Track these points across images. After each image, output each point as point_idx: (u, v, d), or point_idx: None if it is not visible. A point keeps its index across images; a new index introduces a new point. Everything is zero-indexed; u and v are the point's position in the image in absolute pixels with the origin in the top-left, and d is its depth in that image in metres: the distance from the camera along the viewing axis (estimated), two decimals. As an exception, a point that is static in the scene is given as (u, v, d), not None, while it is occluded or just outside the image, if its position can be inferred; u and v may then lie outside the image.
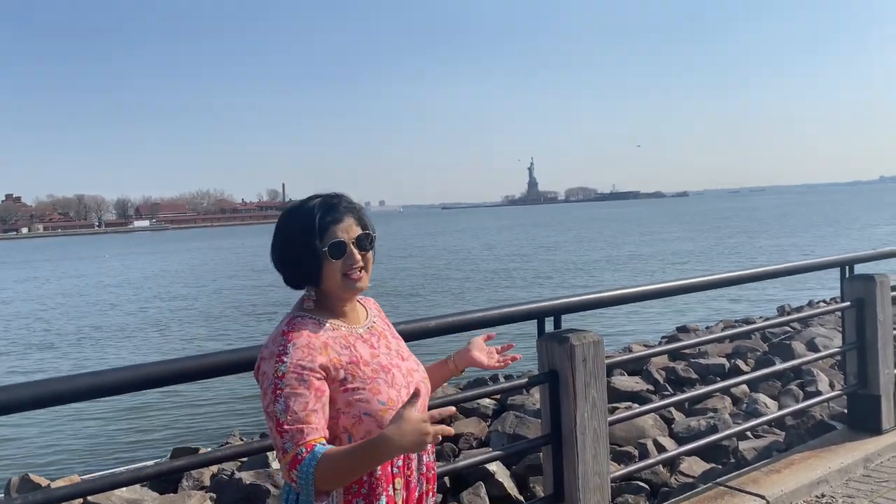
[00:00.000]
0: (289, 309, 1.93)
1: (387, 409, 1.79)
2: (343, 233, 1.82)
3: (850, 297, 4.93)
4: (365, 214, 1.90)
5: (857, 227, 52.84)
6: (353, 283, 1.84)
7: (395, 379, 1.85)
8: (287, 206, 2.01)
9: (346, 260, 1.81)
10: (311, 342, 1.80)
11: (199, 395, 12.17)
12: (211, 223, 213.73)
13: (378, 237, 1.93)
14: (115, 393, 2.40)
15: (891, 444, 4.74)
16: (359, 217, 1.87)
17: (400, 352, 1.97)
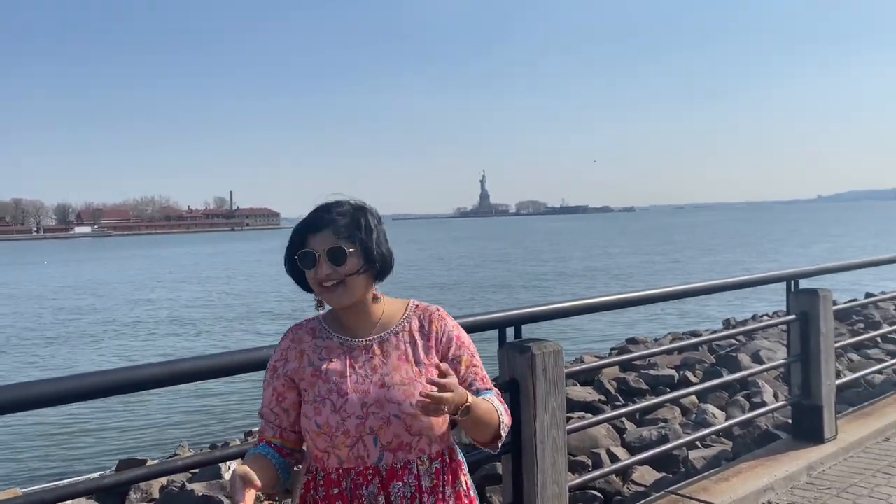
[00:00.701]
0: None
1: (320, 433, 1.76)
2: (317, 244, 1.78)
3: (796, 310, 5.11)
4: (359, 224, 1.80)
5: (798, 244, 54.67)
6: (330, 294, 1.79)
7: (346, 405, 1.75)
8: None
9: (316, 272, 1.78)
10: (291, 347, 1.88)
11: (146, 406, 11.86)
12: (156, 230, 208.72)
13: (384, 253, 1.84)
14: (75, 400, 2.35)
15: (832, 452, 4.92)
16: (339, 229, 1.78)
17: (386, 377, 1.80)
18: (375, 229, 1.83)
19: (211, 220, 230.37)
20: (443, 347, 1.88)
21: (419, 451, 1.80)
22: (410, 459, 1.79)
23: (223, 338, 20.57)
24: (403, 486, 1.78)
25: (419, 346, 1.86)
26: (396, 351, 1.84)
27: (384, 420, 1.75)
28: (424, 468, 1.80)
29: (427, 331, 1.88)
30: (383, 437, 1.76)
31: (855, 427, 5.37)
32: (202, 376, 2.62)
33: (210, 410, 11.85)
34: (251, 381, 12.83)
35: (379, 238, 1.83)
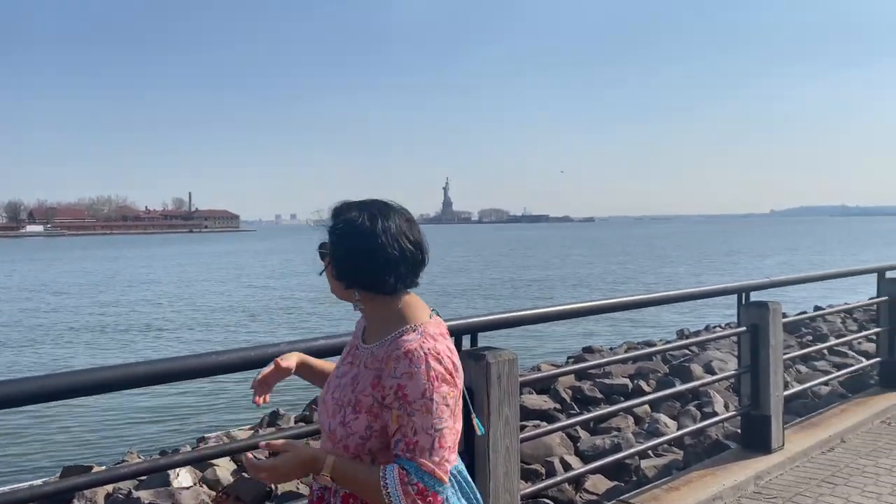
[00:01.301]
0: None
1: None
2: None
3: (746, 322, 5.22)
4: (334, 229, 1.82)
5: (750, 257, 55.90)
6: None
7: (321, 405, 1.89)
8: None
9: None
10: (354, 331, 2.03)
11: (94, 411, 11.56)
12: (111, 230, 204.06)
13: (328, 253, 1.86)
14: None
15: (779, 462, 5.02)
16: (328, 230, 1.85)
17: (338, 390, 1.84)
18: (347, 239, 1.79)
19: (169, 222, 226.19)
20: (385, 388, 1.73)
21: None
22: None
23: (175, 343, 20.19)
24: (322, 489, 1.86)
25: (366, 376, 1.79)
26: (353, 370, 1.84)
27: (321, 422, 1.89)
28: (335, 488, 1.81)
29: (381, 366, 1.76)
30: (322, 435, 1.89)
31: (801, 437, 5.50)
32: (155, 380, 2.57)
33: (162, 416, 11.61)
34: (204, 387, 12.65)
35: (348, 244, 1.79)
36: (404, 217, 1.84)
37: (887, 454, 5.30)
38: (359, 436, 1.75)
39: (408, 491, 1.64)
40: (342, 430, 1.77)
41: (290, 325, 22.92)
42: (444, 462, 1.69)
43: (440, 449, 1.68)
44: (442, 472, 1.68)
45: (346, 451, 1.77)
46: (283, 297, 31.23)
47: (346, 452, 1.77)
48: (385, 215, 1.80)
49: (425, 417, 1.67)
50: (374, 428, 1.74)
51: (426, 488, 1.66)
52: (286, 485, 6.06)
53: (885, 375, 7.09)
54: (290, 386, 13.19)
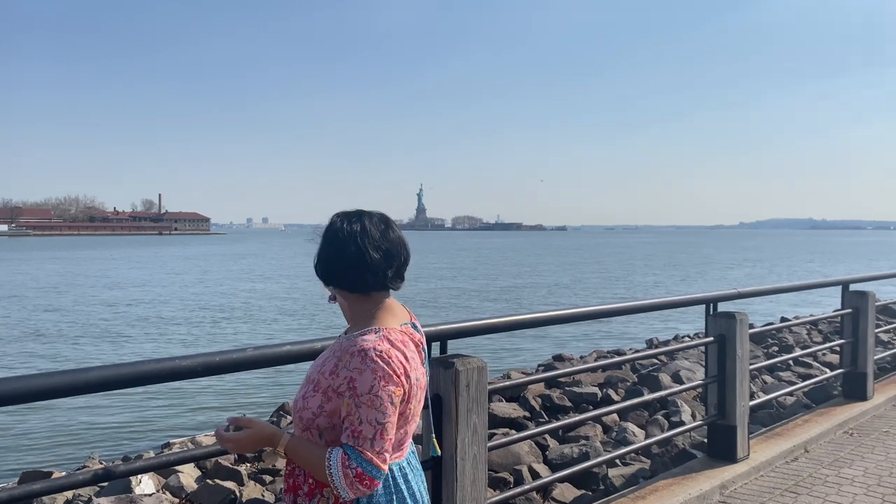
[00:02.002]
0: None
1: None
2: None
3: (714, 332, 5.27)
4: (323, 234, 2.02)
5: (719, 268, 56.67)
6: None
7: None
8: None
9: None
10: None
11: (55, 416, 11.31)
12: (79, 231, 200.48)
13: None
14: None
15: (744, 471, 5.07)
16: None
17: (312, 372, 2.02)
18: (328, 243, 1.99)
19: (138, 223, 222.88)
20: (339, 379, 1.90)
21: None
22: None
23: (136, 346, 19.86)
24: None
25: (331, 364, 1.96)
26: (327, 354, 2.02)
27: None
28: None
29: (340, 357, 1.93)
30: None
31: (766, 447, 5.57)
32: (115, 385, 2.50)
33: (124, 421, 11.40)
34: (169, 393, 12.46)
35: (324, 247, 2.00)
36: (381, 224, 2.01)
37: (849, 464, 5.38)
38: (311, 411, 1.94)
39: (347, 473, 1.85)
40: (302, 402, 1.97)
41: (254, 332, 22.67)
42: (384, 452, 1.88)
43: (381, 440, 1.87)
44: (380, 461, 1.87)
45: (300, 421, 1.97)
46: (248, 302, 30.90)
47: (300, 422, 1.97)
48: (361, 222, 1.98)
49: (370, 411, 1.86)
50: (325, 408, 1.92)
51: (364, 472, 1.85)
52: (250, 492, 5.97)
53: (849, 386, 7.21)
54: (258, 392, 13.07)
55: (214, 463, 6.46)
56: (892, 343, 11.04)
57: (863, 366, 7.14)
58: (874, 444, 5.92)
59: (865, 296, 7.17)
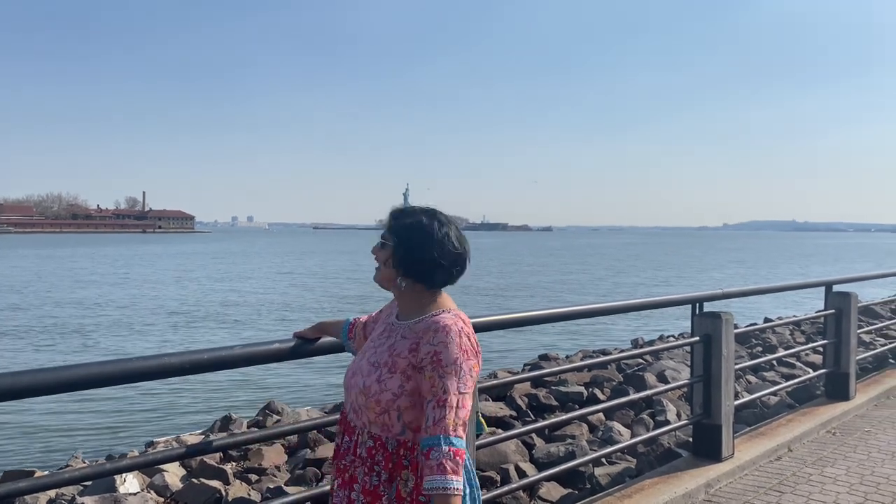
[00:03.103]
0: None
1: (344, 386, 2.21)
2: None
3: (699, 332, 5.30)
4: (404, 226, 2.15)
5: (703, 269, 57.06)
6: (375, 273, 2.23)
7: (354, 360, 2.24)
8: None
9: (373, 251, 2.22)
10: (385, 307, 2.38)
11: (38, 414, 11.20)
12: (61, 229, 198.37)
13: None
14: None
15: (728, 470, 5.11)
16: (391, 226, 2.18)
17: (372, 357, 2.14)
18: (417, 236, 2.12)
19: (121, 221, 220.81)
20: (421, 353, 2.04)
21: (362, 423, 2.11)
22: (357, 425, 2.13)
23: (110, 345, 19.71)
24: (349, 442, 2.15)
25: (404, 343, 2.09)
26: (390, 340, 2.14)
27: (353, 383, 2.14)
28: (362, 439, 2.10)
29: (418, 336, 2.07)
30: (349, 395, 2.15)
31: (750, 446, 5.61)
32: (103, 383, 2.49)
33: (109, 419, 11.31)
34: (155, 390, 12.37)
35: (412, 241, 2.12)
36: (456, 227, 2.20)
37: (832, 463, 5.44)
38: (391, 392, 2.04)
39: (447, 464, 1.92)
40: (377, 385, 2.06)
41: (237, 330, 22.56)
42: (463, 423, 1.98)
43: (463, 409, 1.98)
44: (462, 432, 1.98)
45: (377, 405, 2.05)
46: (231, 300, 30.76)
47: (377, 406, 2.05)
48: (445, 223, 2.16)
49: (454, 381, 1.99)
50: (406, 388, 2.04)
51: (458, 450, 1.95)
52: (236, 491, 5.94)
53: (831, 386, 7.29)
54: (243, 391, 13.01)
55: (200, 462, 6.42)
56: (874, 344, 11.16)
57: (845, 366, 7.21)
58: (856, 443, 5.98)
59: (848, 297, 7.24)
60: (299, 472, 6.32)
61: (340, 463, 2.16)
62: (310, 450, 6.84)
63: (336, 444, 2.23)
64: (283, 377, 13.96)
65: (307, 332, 2.88)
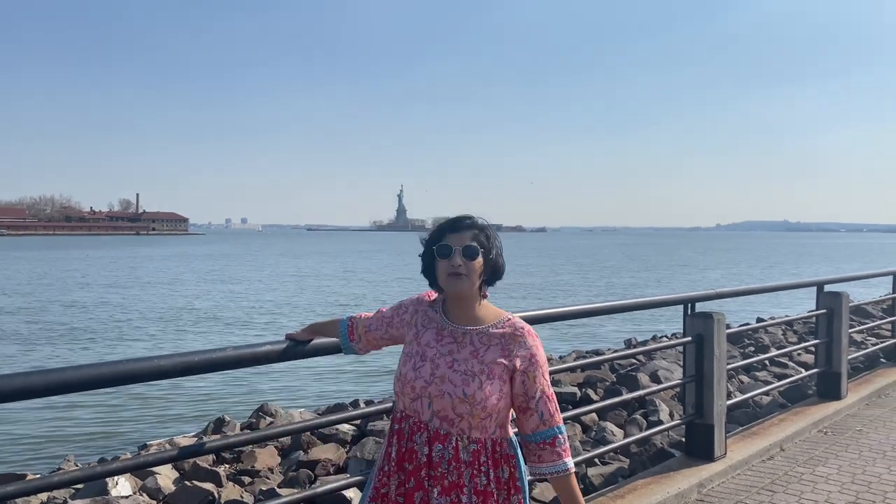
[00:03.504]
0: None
1: (398, 380, 2.28)
2: (454, 241, 2.23)
3: (692, 332, 5.31)
4: (487, 235, 2.26)
5: (696, 269, 57.21)
6: (453, 282, 2.22)
7: (422, 368, 2.23)
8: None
9: (449, 261, 2.21)
10: (416, 305, 2.42)
11: (30, 416, 11.14)
12: (54, 231, 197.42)
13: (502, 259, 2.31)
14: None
15: (721, 470, 5.12)
16: (476, 234, 2.24)
17: (456, 363, 2.20)
18: (495, 243, 2.28)
19: (115, 223, 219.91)
20: (517, 358, 2.21)
21: (459, 430, 2.17)
22: (451, 433, 2.18)
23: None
24: (443, 450, 2.18)
25: (491, 349, 2.22)
26: (471, 346, 2.23)
27: (440, 392, 2.18)
28: (462, 445, 2.17)
29: (507, 340, 2.23)
30: (435, 404, 2.18)
31: (743, 446, 5.63)
32: (93, 385, 2.48)
33: (102, 422, 11.26)
34: (147, 393, 12.33)
35: (496, 250, 2.28)
36: None
37: (824, 462, 5.46)
38: (495, 397, 2.17)
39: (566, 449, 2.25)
40: (481, 392, 2.15)
41: (226, 333, 22.51)
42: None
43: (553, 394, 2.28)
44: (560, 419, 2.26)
45: (483, 410, 2.16)
46: (223, 303, 30.69)
47: (483, 412, 2.16)
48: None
49: (547, 376, 2.27)
50: (504, 390, 2.19)
51: (566, 436, 2.27)
52: (229, 493, 5.93)
53: (823, 386, 7.32)
54: (236, 393, 12.95)
55: (192, 464, 6.41)
56: (866, 343, 11.21)
57: (837, 366, 7.24)
58: (848, 442, 6.01)
59: (839, 297, 7.28)
60: (292, 474, 6.31)
61: (436, 471, 2.18)
62: (303, 452, 6.83)
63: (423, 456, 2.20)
64: (277, 379, 13.94)
65: (299, 335, 2.88)
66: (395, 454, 2.25)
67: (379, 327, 2.49)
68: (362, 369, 14.61)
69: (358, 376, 14.42)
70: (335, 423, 3.66)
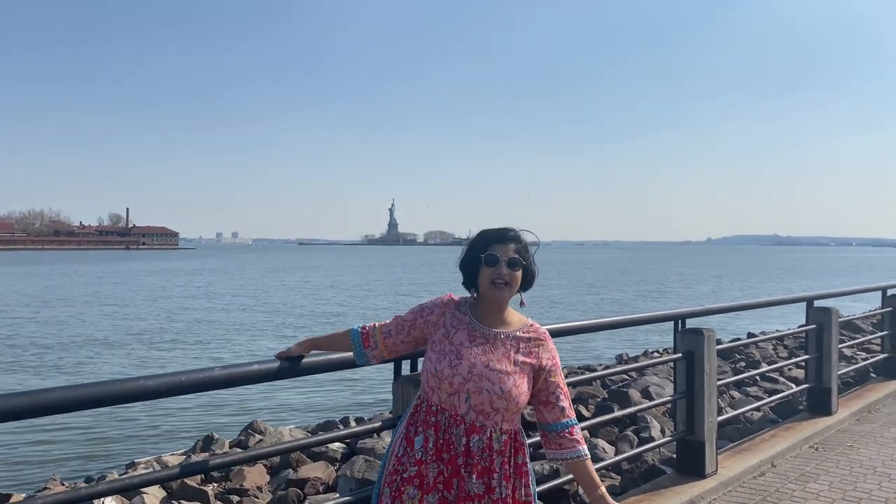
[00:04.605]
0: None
1: (434, 376, 2.44)
2: (500, 252, 2.47)
3: (682, 348, 5.31)
4: (526, 248, 2.52)
5: (686, 284, 57.35)
6: (497, 290, 2.46)
7: (459, 365, 2.42)
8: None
9: (495, 270, 2.45)
10: (443, 307, 2.59)
11: (12, 435, 11.00)
12: (43, 246, 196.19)
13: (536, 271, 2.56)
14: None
15: (712, 487, 5.11)
16: (520, 247, 2.50)
17: (491, 362, 2.43)
18: (532, 255, 2.54)
19: (105, 238, 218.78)
20: (542, 360, 2.52)
21: (494, 423, 2.42)
22: (486, 425, 2.41)
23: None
24: (479, 440, 2.40)
25: (520, 351, 2.49)
26: (503, 348, 2.48)
27: (478, 388, 2.39)
28: (496, 436, 2.41)
29: (532, 343, 2.52)
30: (473, 399, 2.40)
31: (734, 462, 5.62)
32: (78, 407, 2.44)
33: (88, 441, 11.13)
34: (134, 412, 12.20)
35: (533, 261, 2.54)
36: None
37: (815, 479, 5.45)
38: (525, 394, 2.45)
39: (579, 438, 2.55)
40: (516, 389, 2.42)
41: (211, 350, 22.36)
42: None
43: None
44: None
45: (516, 406, 2.43)
46: (213, 319, 30.52)
47: (515, 407, 2.44)
48: None
49: (563, 376, 2.61)
50: (529, 386, 2.49)
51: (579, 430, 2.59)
52: (218, 513, 5.86)
53: (814, 401, 7.33)
54: (225, 411, 12.82)
55: (180, 483, 6.34)
56: (856, 358, 11.24)
57: (827, 381, 7.25)
58: (839, 458, 6.01)
59: (829, 312, 7.30)
60: (281, 493, 6.25)
61: (470, 459, 2.40)
62: (292, 470, 6.77)
63: (454, 449, 2.42)
64: (267, 395, 13.83)
65: (293, 351, 2.87)
66: (432, 445, 2.42)
67: (399, 332, 2.62)
68: (353, 379, 14.52)
69: (349, 389, 14.31)
70: (325, 443, 3.63)
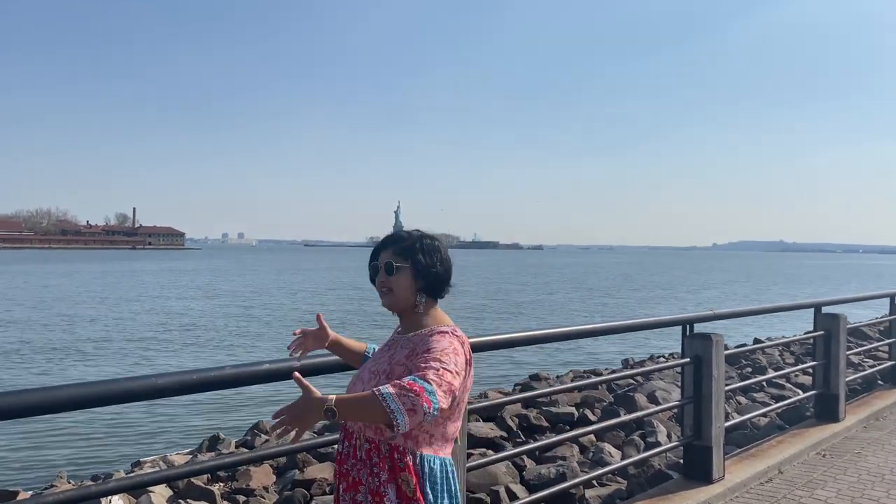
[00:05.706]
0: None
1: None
2: (381, 258, 2.33)
3: (690, 353, 5.30)
4: (420, 248, 2.30)
5: (693, 289, 57.22)
6: (383, 297, 2.32)
7: (356, 379, 2.35)
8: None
9: (377, 278, 2.33)
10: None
11: (22, 433, 11.05)
12: (50, 245, 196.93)
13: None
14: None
15: (719, 493, 5.09)
16: (396, 249, 2.31)
17: (376, 365, 2.29)
18: (430, 254, 2.31)
19: (111, 237, 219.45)
20: (417, 357, 2.16)
21: (359, 428, 2.23)
22: (353, 431, 2.25)
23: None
24: (348, 447, 2.27)
25: (401, 350, 2.27)
26: (391, 351, 2.31)
27: (352, 390, 2.28)
28: (360, 443, 2.22)
29: (417, 342, 2.24)
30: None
31: (741, 468, 5.60)
32: (88, 404, 2.46)
33: (95, 439, 11.17)
34: (141, 410, 12.24)
35: (432, 260, 2.30)
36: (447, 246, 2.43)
37: (823, 485, 5.43)
38: None
39: (401, 392, 1.92)
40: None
41: (221, 349, 22.42)
42: (442, 386, 1.99)
43: (443, 374, 2.02)
44: (436, 386, 1.97)
45: None
46: (220, 319, 30.60)
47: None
48: (441, 242, 2.40)
49: (438, 357, 2.08)
50: None
51: (422, 388, 1.94)
52: (224, 513, 5.86)
53: (821, 408, 7.30)
54: (231, 411, 12.88)
55: (187, 482, 6.35)
56: (863, 365, 11.19)
57: (835, 387, 7.22)
58: (846, 465, 5.98)
59: (837, 318, 7.27)
60: (287, 493, 6.26)
61: (343, 467, 2.28)
62: (298, 471, 6.77)
63: (337, 450, 2.34)
64: (274, 396, 13.84)
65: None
66: (339, 448, 2.35)
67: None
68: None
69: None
70: (331, 444, 3.63)
